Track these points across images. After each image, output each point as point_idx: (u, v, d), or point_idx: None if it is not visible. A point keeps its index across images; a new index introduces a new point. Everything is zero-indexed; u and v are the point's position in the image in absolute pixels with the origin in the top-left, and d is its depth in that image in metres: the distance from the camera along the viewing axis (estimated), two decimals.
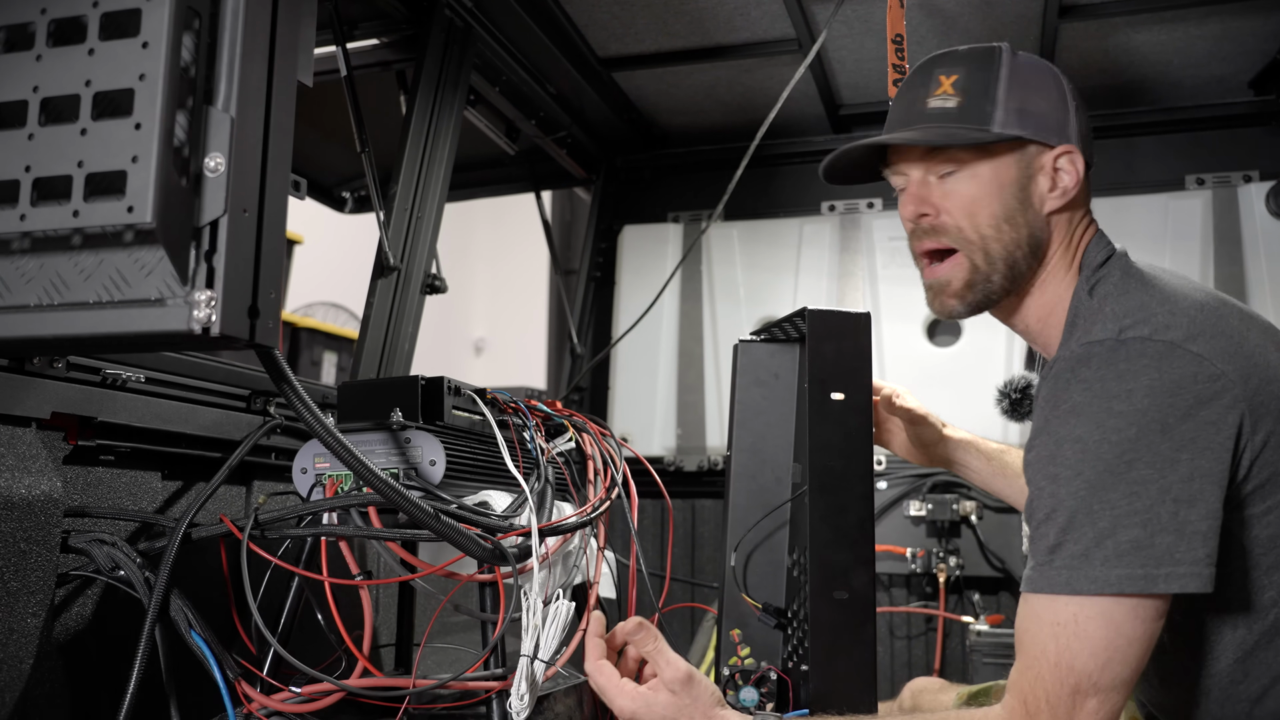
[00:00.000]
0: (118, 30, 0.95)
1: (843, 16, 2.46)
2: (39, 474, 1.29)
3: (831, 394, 1.52)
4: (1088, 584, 1.17)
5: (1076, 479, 1.20)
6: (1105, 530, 1.17)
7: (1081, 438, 1.20)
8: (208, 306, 0.94)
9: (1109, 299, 1.30)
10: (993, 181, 1.38)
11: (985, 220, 1.38)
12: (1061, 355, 1.27)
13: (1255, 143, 2.83)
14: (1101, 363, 1.22)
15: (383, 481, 1.18)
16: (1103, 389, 1.21)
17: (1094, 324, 1.27)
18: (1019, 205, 1.38)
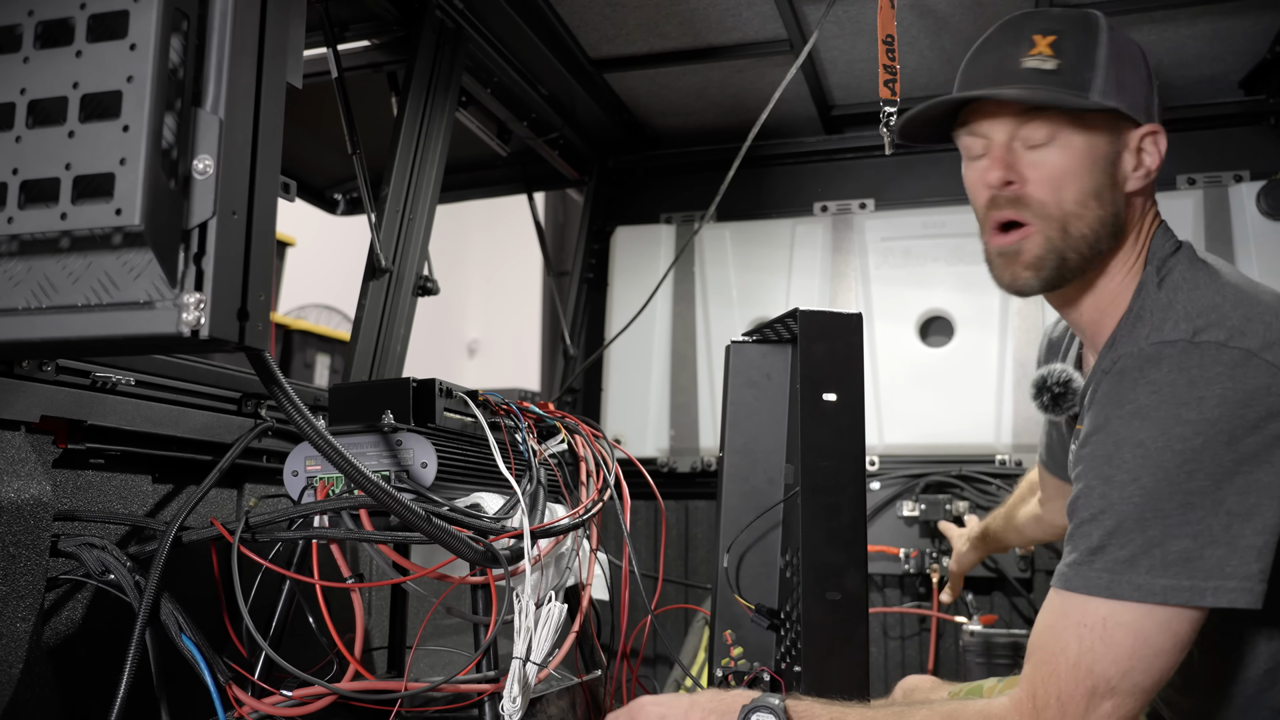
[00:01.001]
0: (105, 32, 0.95)
1: (834, 17, 2.46)
2: (28, 478, 1.28)
3: (823, 395, 1.51)
4: (1130, 590, 1.14)
5: (1132, 484, 1.16)
6: (1155, 539, 1.14)
7: (1144, 442, 1.17)
8: (197, 309, 0.94)
9: (1179, 292, 1.25)
10: (1086, 154, 1.31)
11: (1072, 196, 1.31)
12: (1128, 351, 1.22)
13: (1246, 142, 2.84)
14: (1173, 365, 1.18)
15: (374, 484, 1.18)
16: (1172, 394, 1.16)
17: (1165, 321, 1.23)
18: (1108, 181, 1.32)
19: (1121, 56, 1.33)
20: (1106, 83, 1.30)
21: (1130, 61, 1.34)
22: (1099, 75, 1.30)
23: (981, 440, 2.81)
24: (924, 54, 2.66)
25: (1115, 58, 1.32)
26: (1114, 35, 1.34)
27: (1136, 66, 1.34)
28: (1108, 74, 1.30)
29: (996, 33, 1.40)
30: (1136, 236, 1.37)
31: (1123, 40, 1.35)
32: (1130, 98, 1.32)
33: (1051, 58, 1.31)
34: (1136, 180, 1.34)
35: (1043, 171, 1.32)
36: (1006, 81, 1.33)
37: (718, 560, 1.70)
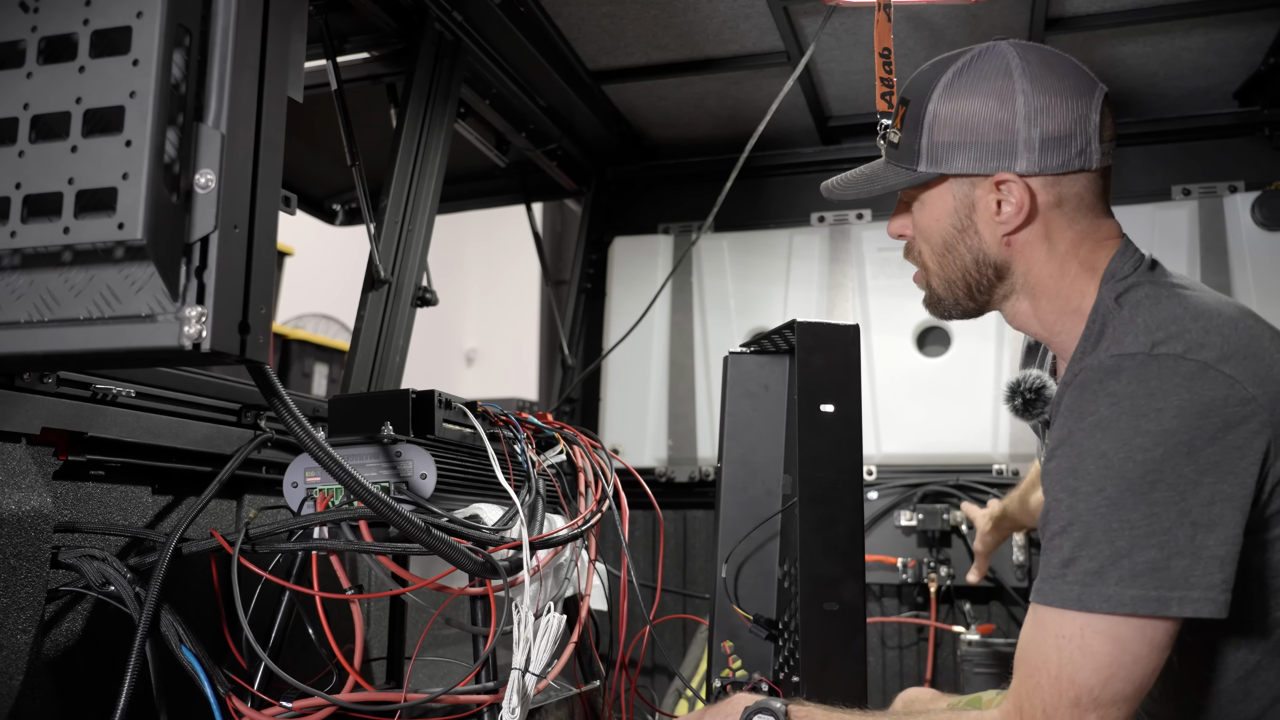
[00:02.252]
0: (108, 48, 0.95)
1: (831, 29, 2.47)
2: (29, 489, 1.29)
3: (821, 405, 1.52)
4: (1100, 602, 1.16)
5: (1097, 495, 1.18)
6: (1122, 550, 1.16)
7: (1105, 454, 1.18)
8: (198, 322, 0.94)
9: (1140, 308, 1.27)
10: (933, 212, 1.42)
11: (935, 246, 1.44)
12: (1089, 364, 1.25)
13: (1241, 153, 2.85)
14: (1132, 377, 1.20)
15: (373, 495, 1.18)
16: (1131, 405, 1.18)
17: (1125, 334, 1.25)
18: (957, 234, 1.41)
19: (959, 114, 1.36)
20: (932, 150, 1.38)
21: (975, 113, 1.35)
22: (924, 142, 1.38)
23: (978, 450, 2.82)
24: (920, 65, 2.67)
25: (950, 117, 1.36)
26: (955, 89, 1.37)
27: (987, 114, 1.34)
28: (934, 140, 1.37)
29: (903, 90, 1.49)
30: (1057, 256, 1.38)
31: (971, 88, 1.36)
32: (968, 154, 1.36)
33: (899, 130, 1.42)
34: (1003, 225, 1.37)
35: (917, 226, 1.46)
36: (885, 152, 1.48)
37: (715, 571, 1.70)
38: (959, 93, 1.36)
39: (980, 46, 1.40)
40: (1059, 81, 1.35)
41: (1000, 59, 1.36)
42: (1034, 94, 1.34)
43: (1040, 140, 1.34)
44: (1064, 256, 1.38)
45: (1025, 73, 1.35)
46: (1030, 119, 1.33)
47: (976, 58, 1.38)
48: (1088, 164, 1.36)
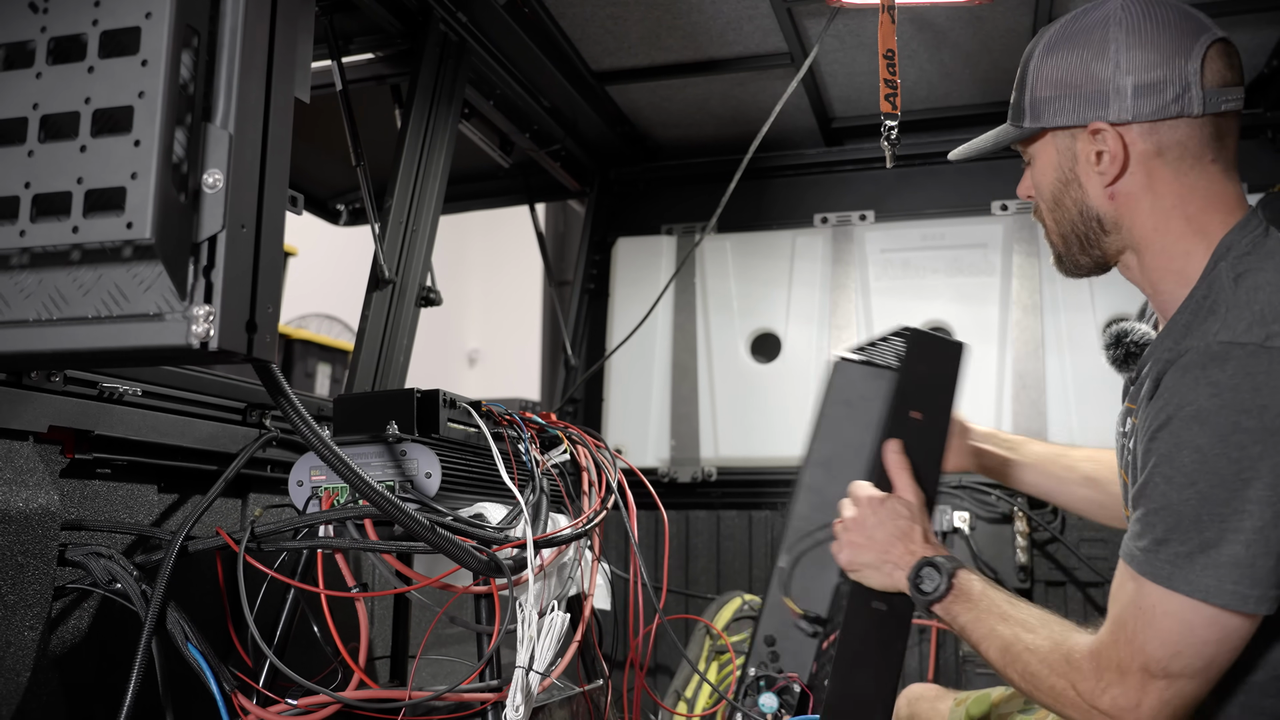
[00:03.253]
0: (117, 48, 0.96)
1: (834, 31, 2.48)
2: (36, 487, 1.29)
3: (911, 412, 1.54)
4: (1184, 584, 1.18)
5: (1189, 487, 1.18)
6: (1210, 540, 1.17)
7: (1201, 447, 1.18)
8: (206, 321, 0.95)
9: (1260, 292, 1.24)
10: (1041, 167, 1.45)
11: (1047, 200, 1.46)
12: (1197, 345, 1.23)
13: (1245, 155, 2.80)
14: (1238, 369, 1.18)
15: (378, 494, 1.19)
16: (1234, 398, 1.17)
17: (1239, 320, 1.22)
18: (1062, 188, 1.43)
19: (1057, 66, 1.39)
20: (1034, 105, 1.42)
21: (1071, 65, 1.38)
22: (1026, 100, 1.43)
23: None
24: (924, 67, 2.68)
25: (1047, 71, 1.40)
26: (1053, 43, 1.40)
27: (1084, 65, 1.37)
28: (1034, 95, 1.42)
29: None
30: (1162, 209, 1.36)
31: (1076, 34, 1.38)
32: (1066, 105, 1.38)
33: (1014, 90, 1.46)
34: (1104, 174, 1.37)
35: (1034, 182, 1.49)
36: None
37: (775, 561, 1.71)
38: (1056, 48, 1.40)
39: (1091, 3, 1.41)
40: (1156, 29, 1.34)
41: (1103, 11, 1.37)
42: (1127, 42, 1.34)
43: (1133, 87, 1.33)
44: (1168, 211, 1.36)
45: (1122, 23, 1.35)
46: (1122, 67, 1.34)
47: (1082, 13, 1.40)
48: (1188, 109, 1.33)
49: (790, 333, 3.08)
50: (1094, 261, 1.45)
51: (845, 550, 1.51)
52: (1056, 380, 2.83)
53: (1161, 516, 1.21)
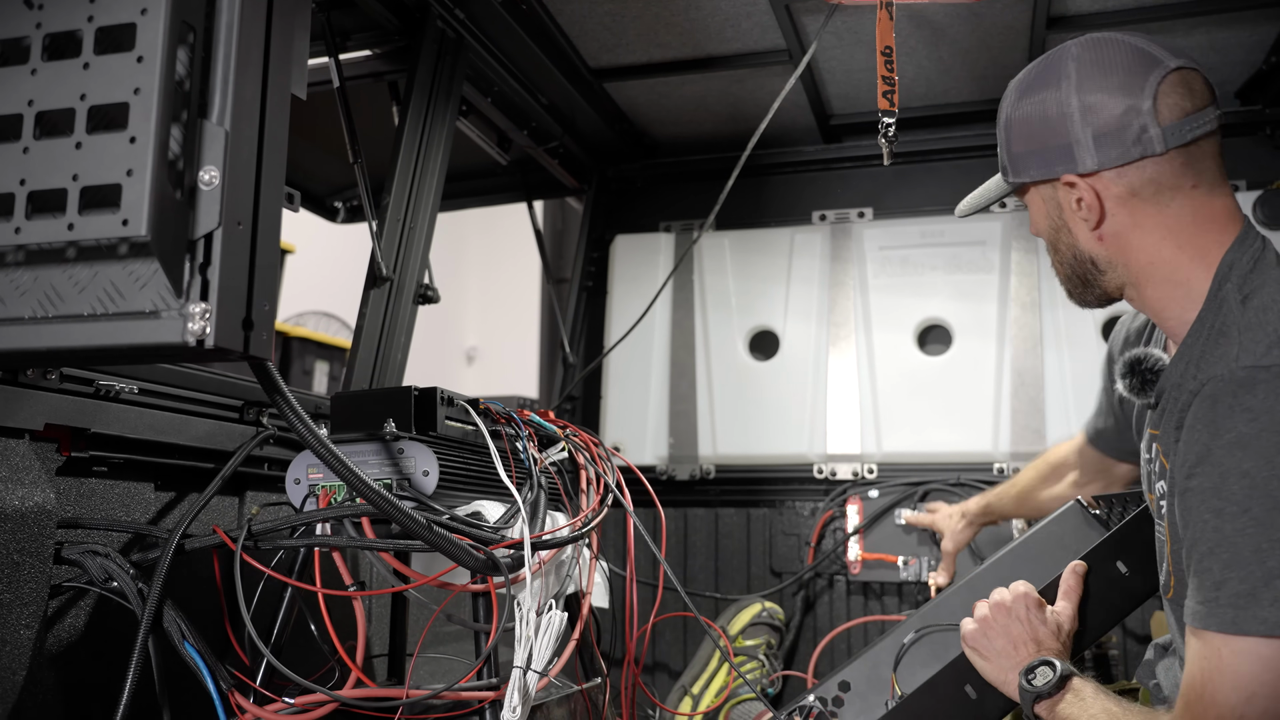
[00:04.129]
0: (112, 45, 0.96)
1: (832, 28, 2.47)
2: (32, 485, 1.29)
3: (1117, 560, 1.57)
4: (1254, 624, 1.14)
5: (1243, 515, 1.17)
6: (1273, 570, 1.14)
7: (1249, 472, 1.17)
8: (202, 319, 0.95)
9: (1269, 312, 1.26)
10: (1035, 216, 1.52)
11: (1047, 245, 1.53)
12: (1220, 374, 1.24)
13: (1243, 152, 2.85)
14: (1269, 391, 1.19)
15: (376, 492, 1.19)
16: (1271, 421, 1.17)
17: (1256, 343, 1.23)
18: (1054, 234, 1.48)
19: (1024, 123, 1.44)
20: (1013, 161, 1.47)
21: (1035, 122, 1.42)
22: (1006, 156, 1.49)
23: (979, 448, 2.82)
24: (922, 64, 2.68)
25: (1019, 128, 1.45)
26: (1026, 93, 1.44)
27: (1044, 121, 1.41)
28: (1011, 151, 1.47)
29: None
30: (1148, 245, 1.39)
31: (1037, 89, 1.42)
32: (1039, 160, 1.43)
33: (999, 145, 1.52)
34: (1090, 219, 1.41)
35: (1033, 228, 1.55)
36: None
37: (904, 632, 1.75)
38: (1022, 103, 1.44)
39: (1050, 51, 1.46)
40: (1105, 75, 1.37)
41: (1057, 64, 1.41)
42: (1082, 94, 1.37)
43: (1093, 137, 1.37)
44: (1158, 244, 1.39)
45: (1073, 74, 1.39)
46: (1082, 119, 1.37)
47: (1037, 66, 1.45)
48: (1149, 149, 1.35)
49: (789, 330, 3.07)
50: (1098, 297, 1.49)
51: (979, 627, 1.52)
52: (1055, 377, 2.83)
53: (1217, 555, 1.18)
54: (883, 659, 1.73)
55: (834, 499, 2.86)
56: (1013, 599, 1.51)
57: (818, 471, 2.92)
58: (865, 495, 2.84)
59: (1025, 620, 1.49)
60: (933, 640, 1.71)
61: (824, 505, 2.87)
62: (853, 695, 1.72)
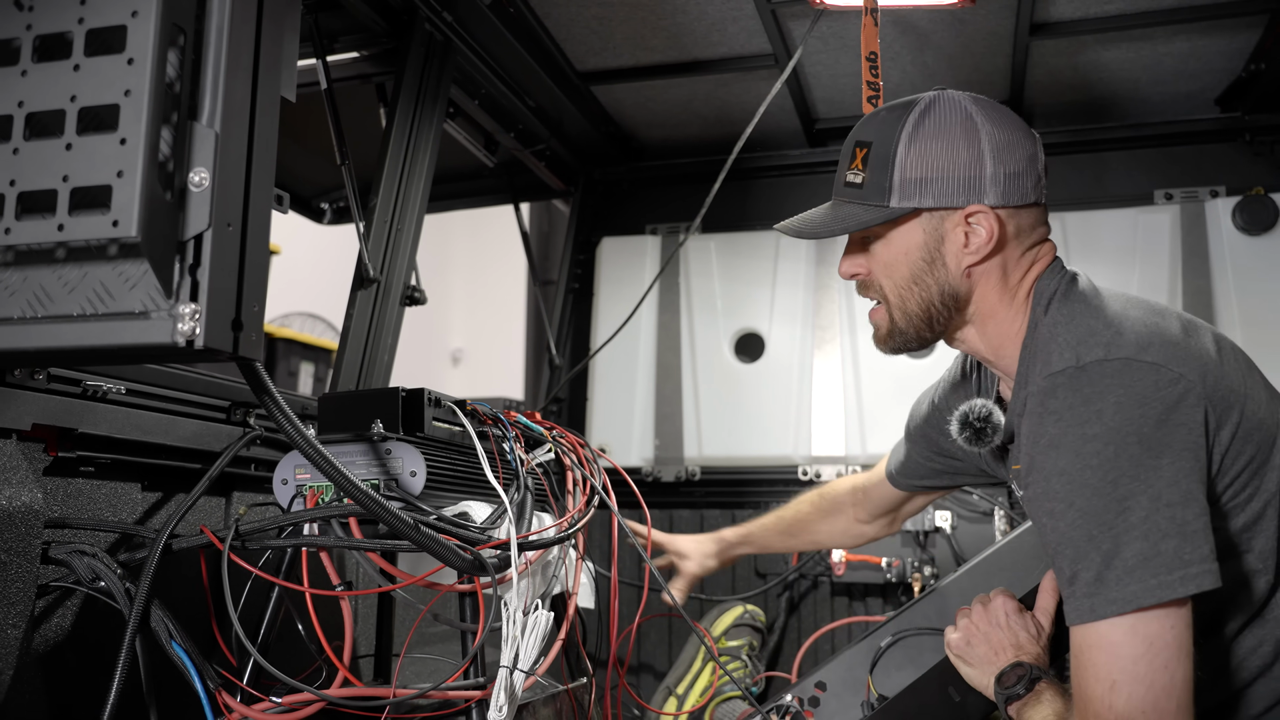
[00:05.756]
0: (103, 46, 0.96)
1: (818, 33, 2.49)
2: (19, 485, 1.29)
3: None
4: (1108, 606, 1.19)
5: (1070, 510, 1.23)
6: (1109, 551, 1.20)
7: (1065, 469, 1.24)
8: (192, 319, 0.95)
9: (1059, 327, 1.36)
10: (900, 247, 1.46)
11: (899, 280, 1.47)
12: (1030, 391, 1.33)
13: (1222, 159, 2.88)
14: (1067, 391, 1.26)
15: (363, 493, 1.19)
16: (1073, 416, 1.24)
17: (1051, 354, 1.33)
18: (926, 266, 1.45)
19: (927, 151, 1.41)
20: (904, 186, 1.42)
21: (941, 151, 1.41)
22: (895, 178, 1.42)
23: None
24: (906, 69, 2.70)
25: (917, 156, 1.42)
26: (921, 130, 1.42)
27: (952, 151, 1.41)
28: (905, 176, 1.42)
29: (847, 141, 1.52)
30: (1006, 289, 1.45)
31: (935, 129, 1.42)
32: (938, 189, 1.41)
33: (860, 171, 1.46)
34: (970, 256, 1.43)
35: (876, 263, 1.50)
36: (837, 194, 1.51)
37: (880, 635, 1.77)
38: (927, 132, 1.42)
39: (930, 94, 1.46)
40: (1012, 125, 1.44)
41: (957, 105, 1.43)
42: (996, 133, 1.41)
43: (1005, 175, 1.41)
44: (1015, 285, 1.46)
45: (985, 116, 1.42)
46: (996, 156, 1.40)
47: (934, 103, 1.44)
48: (1040, 197, 1.45)
49: (774, 333, 3.09)
50: (933, 337, 1.51)
51: (962, 634, 1.56)
52: None
53: (1063, 554, 1.25)
54: (859, 660, 1.75)
55: None
56: (994, 606, 1.56)
57: (802, 473, 2.94)
58: None
59: (1006, 626, 1.53)
60: (907, 644, 1.73)
61: None
62: (829, 695, 1.75)
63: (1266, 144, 2.84)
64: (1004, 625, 1.53)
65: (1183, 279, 2.78)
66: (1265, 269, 2.74)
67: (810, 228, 1.52)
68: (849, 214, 1.47)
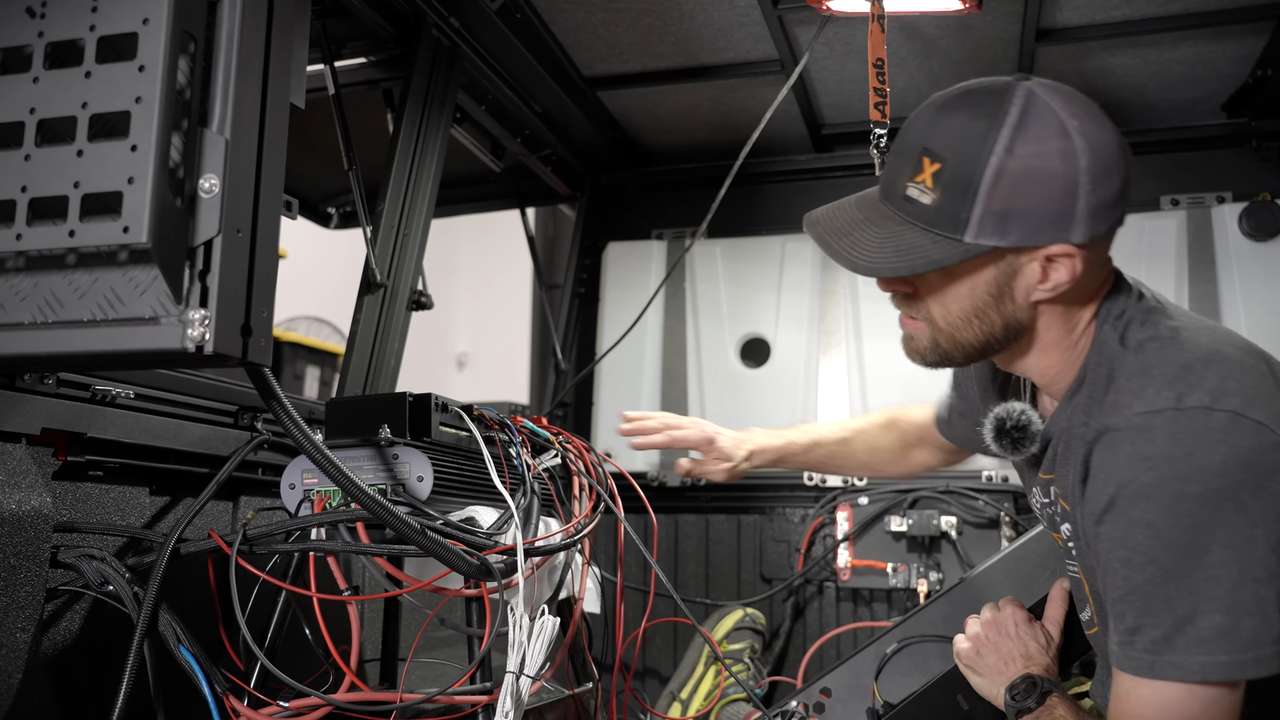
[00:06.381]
0: (114, 54, 0.97)
1: (824, 39, 2.49)
2: (29, 489, 1.30)
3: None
4: (1171, 670, 1.15)
5: (1150, 566, 1.16)
6: (1185, 617, 1.14)
7: (1153, 523, 1.15)
8: (201, 325, 0.96)
9: (1147, 353, 1.24)
10: (964, 280, 1.27)
11: (956, 311, 1.30)
12: (1115, 424, 1.21)
13: (1229, 164, 2.88)
14: (1166, 437, 1.16)
15: (370, 497, 1.20)
16: (1172, 469, 1.15)
17: (1145, 387, 1.21)
18: (992, 301, 1.28)
19: (1020, 180, 1.20)
20: (984, 220, 1.21)
21: (1035, 181, 1.20)
22: (976, 212, 1.21)
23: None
24: (913, 75, 2.70)
25: (1008, 184, 1.20)
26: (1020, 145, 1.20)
27: (1047, 182, 1.20)
28: (988, 208, 1.20)
29: (904, 136, 1.30)
30: (1069, 319, 1.32)
31: (1032, 155, 1.20)
32: (1022, 226, 1.21)
33: (930, 191, 1.23)
34: (1043, 293, 1.26)
35: (927, 285, 1.31)
36: (892, 202, 1.28)
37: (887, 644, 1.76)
38: (1021, 157, 1.20)
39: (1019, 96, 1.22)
40: (1109, 140, 1.24)
41: (1054, 116, 1.21)
42: (1095, 159, 1.21)
43: (1097, 207, 1.22)
44: (1080, 312, 1.32)
45: (1083, 131, 1.21)
46: (1093, 186, 1.21)
47: (1029, 114, 1.21)
48: (1122, 221, 1.28)
49: (780, 338, 3.09)
50: (970, 360, 1.36)
51: (971, 644, 1.54)
52: None
53: (1130, 603, 1.19)
54: (864, 667, 1.75)
55: (824, 506, 2.88)
56: (1003, 615, 1.54)
57: (808, 479, 2.94)
58: (855, 502, 2.85)
59: (1015, 636, 1.51)
60: (913, 650, 1.73)
61: (814, 512, 2.88)
62: (834, 701, 1.75)
63: (1273, 150, 2.84)
64: (1013, 635, 1.51)
65: (1189, 285, 2.78)
66: (1271, 275, 2.74)
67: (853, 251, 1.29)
68: (911, 243, 1.24)
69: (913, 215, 1.25)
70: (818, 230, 1.35)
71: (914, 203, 1.25)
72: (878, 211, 1.30)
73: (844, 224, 1.32)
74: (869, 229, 1.29)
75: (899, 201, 1.27)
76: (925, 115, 1.28)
